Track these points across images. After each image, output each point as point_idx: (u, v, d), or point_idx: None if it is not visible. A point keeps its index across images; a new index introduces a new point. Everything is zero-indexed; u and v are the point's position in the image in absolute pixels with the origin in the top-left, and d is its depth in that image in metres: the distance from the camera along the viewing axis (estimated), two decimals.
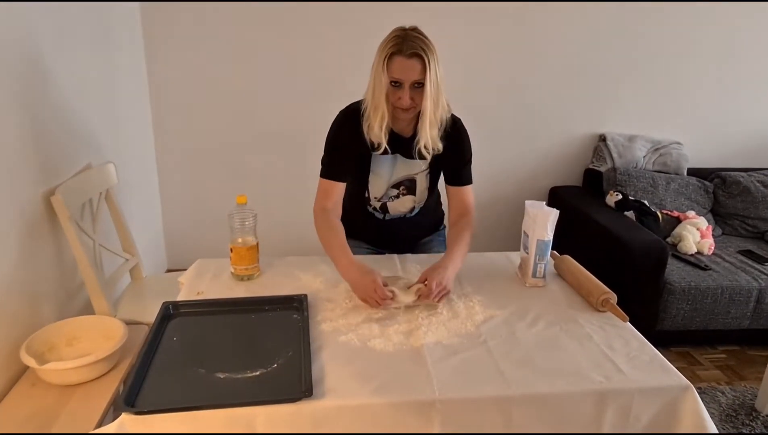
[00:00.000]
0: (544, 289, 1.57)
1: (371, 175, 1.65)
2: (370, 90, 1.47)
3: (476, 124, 2.00)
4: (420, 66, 1.40)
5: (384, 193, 1.69)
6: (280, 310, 1.39)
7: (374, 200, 1.71)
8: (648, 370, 1.20)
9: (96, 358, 1.47)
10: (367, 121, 1.51)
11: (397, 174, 1.65)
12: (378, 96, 1.44)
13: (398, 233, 1.79)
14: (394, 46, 1.40)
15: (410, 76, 1.41)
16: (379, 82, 1.43)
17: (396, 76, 1.41)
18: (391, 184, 1.67)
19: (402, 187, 1.68)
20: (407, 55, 1.39)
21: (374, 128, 1.49)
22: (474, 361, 1.21)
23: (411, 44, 1.39)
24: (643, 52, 3.09)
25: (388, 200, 1.70)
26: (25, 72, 1.69)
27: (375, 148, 1.56)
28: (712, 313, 2.51)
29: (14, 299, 1.60)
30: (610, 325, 1.38)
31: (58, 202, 1.72)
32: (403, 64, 1.40)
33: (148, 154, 2.93)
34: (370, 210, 1.74)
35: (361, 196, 1.70)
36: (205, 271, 1.61)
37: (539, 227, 1.52)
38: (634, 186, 2.99)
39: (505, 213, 3.30)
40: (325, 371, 1.15)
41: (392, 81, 1.42)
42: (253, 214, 1.55)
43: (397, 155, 1.61)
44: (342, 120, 1.59)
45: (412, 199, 1.71)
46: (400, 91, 1.44)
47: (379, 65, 1.42)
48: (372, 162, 1.62)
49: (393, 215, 1.74)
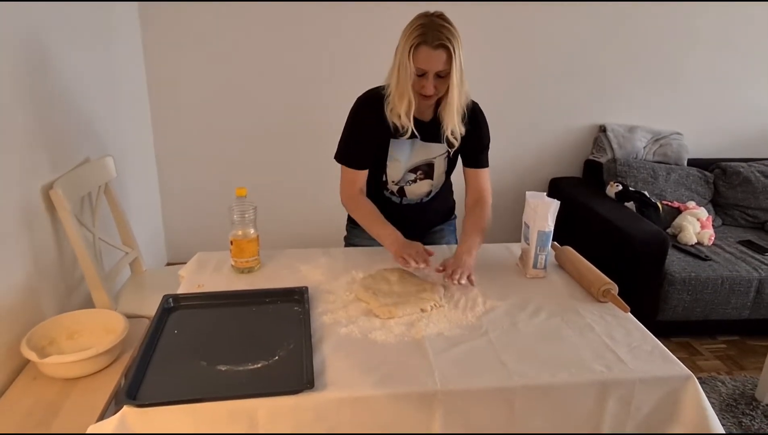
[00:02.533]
0: (545, 280, 1.57)
1: (389, 160, 1.65)
2: (394, 77, 1.47)
3: None
4: (446, 56, 1.40)
5: (402, 178, 1.69)
6: (281, 303, 1.39)
7: (392, 184, 1.71)
8: (649, 360, 1.20)
9: (97, 351, 1.47)
10: (391, 106, 1.51)
11: (415, 158, 1.66)
12: (403, 84, 1.44)
13: (413, 218, 1.79)
14: (420, 36, 1.39)
15: (436, 67, 1.41)
16: (404, 71, 1.43)
17: (422, 66, 1.41)
18: (408, 168, 1.67)
19: (419, 172, 1.69)
20: (433, 46, 1.38)
21: (401, 115, 1.50)
22: (475, 353, 1.20)
23: (437, 34, 1.38)
24: (643, 43, 3.08)
25: (406, 184, 1.71)
26: (23, 66, 1.68)
27: (397, 134, 1.57)
28: (712, 303, 2.51)
29: (14, 293, 1.60)
30: (612, 315, 1.38)
31: (57, 196, 1.72)
32: (429, 55, 1.40)
33: (147, 147, 2.92)
34: (386, 194, 1.75)
35: (379, 180, 1.71)
36: (206, 264, 1.61)
37: (540, 218, 1.52)
38: (635, 177, 2.98)
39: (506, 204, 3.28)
40: (327, 363, 1.15)
41: (417, 71, 1.42)
42: (253, 207, 1.54)
43: (416, 139, 1.61)
44: (363, 105, 1.61)
45: (429, 184, 1.72)
46: (424, 80, 1.44)
47: (404, 54, 1.41)
48: (390, 147, 1.63)
49: (410, 199, 1.75)
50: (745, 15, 3.07)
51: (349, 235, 1.89)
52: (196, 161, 3.04)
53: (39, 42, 1.77)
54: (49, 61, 1.83)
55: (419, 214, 1.80)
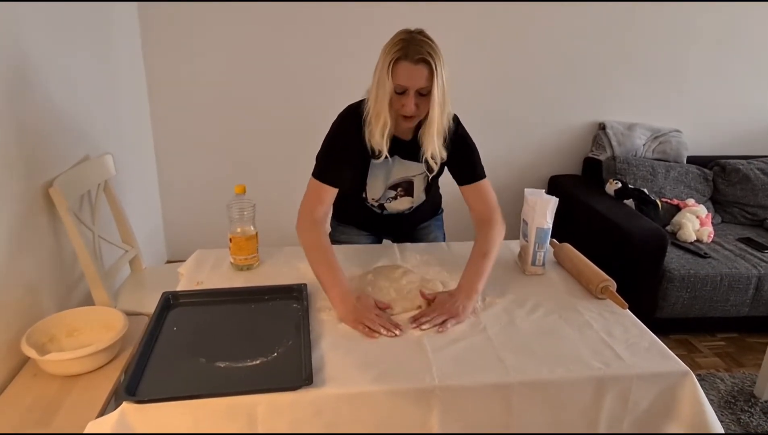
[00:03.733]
0: (544, 277, 1.57)
1: (369, 179, 1.60)
2: (372, 95, 1.38)
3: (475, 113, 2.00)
4: (427, 72, 1.32)
5: (381, 195, 1.65)
6: (280, 300, 1.39)
7: (372, 201, 1.68)
8: (647, 357, 1.20)
9: (96, 348, 1.48)
10: (369, 127, 1.43)
11: (395, 176, 1.60)
12: (381, 102, 1.36)
13: (396, 224, 1.78)
14: (400, 51, 1.31)
15: (416, 83, 1.33)
16: (382, 88, 1.34)
17: (401, 82, 1.33)
18: (388, 186, 1.63)
19: (399, 189, 1.64)
20: (414, 61, 1.31)
21: (375, 136, 1.42)
22: (474, 349, 1.21)
23: (417, 49, 1.31)
24: (642, 40, 3.08)
25: (386, 201, 1.67)
26: (22, 64, 1.68)
27: (375, 155, 1.50)
28: (711, 300, 2.52)
29: (14, 291, 1.61)
30: (610, 312, 1.38)
31: (56, 194, 1.72)
32: (409, 70, 1.32)
33: (146, 145, 2.92)
34: (367, 205, 1.71)
35: (358, 196, 1.67)
36: (205, 262, 1.61)
37: (538, 215, 1.52)
38: (634, 174, 2.98)
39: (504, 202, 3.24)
40: (325, 360, 1.16)
41: (397, 87, 1.35)
42: (252, 204, 1.54)
43: (395, 157, 1.54)
44: (343, 122, 1.52)
45: (409, 201, 1.68)
46: (404, 98, 1.36)
47: (383, 70, 1.33)
48: (370, 167, 1.56)
49: (390, 212, 1.72)
50: (744, 12, 3.07)
51: (333, 232, 1.84)
52: (196, 159, 3.04)
53: (38, 39, 1.77)
54: (49, 59, 1.83)
55: (402, 221, 1.76)
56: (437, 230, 1.87)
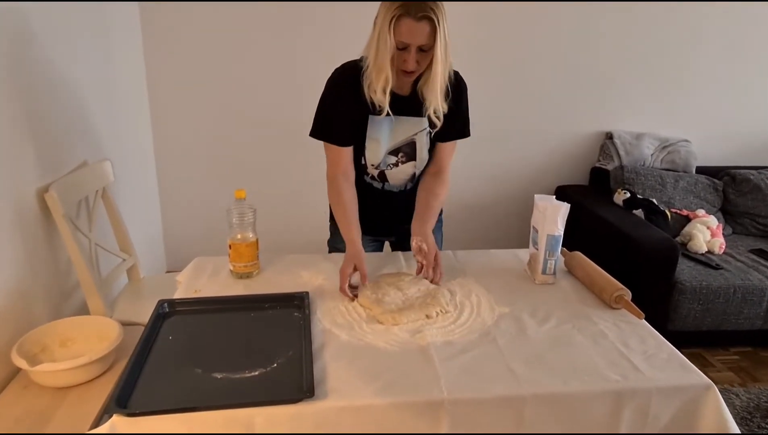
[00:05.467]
0: (555, 286, 1.52)
1: (368, 140, 1.54)
2: (372, 50, 1.36)
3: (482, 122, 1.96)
4: (429, 28, 1.30)
5: (381, 160, 1.58)
6: (281, 309, 1.34)
7: (371, 168, 1.60)
8: (666, 369, 1.15)
9: (90, 359, 1.42)
10: (368, 82, 1.41)
11: (396, 137, 1.55)
12: (382, 58, 1.34)
13: (396, 205, 1.68)
14: (402, 7, 1.28)
15: (419, 40, 1.31)
16: (383, 44, 1.32)
17: (404, 39, 1.31)
18: (389, 149, 1.57)
19: (401, 154, 1.58)
20: (417, 18, 1.28)
21: (377, 92, 1.40)
22: (483, 360, 1.15)
23: (420, 5, 1.28)
24: (649, 50, 3.04)
25: (387, 168, 1.60)
26: (21, 66, 1.65)
27: (375, 111, 1.47)
28: (724, 313, 2.45)
29: (6, 298, 1.55)
30: (625, 322, 1.32)
31: (51, 199, 1.68)
32: (411, 27, 1.29)
33: (146, 151, 2.88)
34: (367, 180, 1.64)
35: (357, 163, 1.59)
36: (203, 269, 1.56)
37: (549, 222, 1.47)
38: (642, 184, 2.93)
39: (511, 212, 3.24)
40: (327, 371, 1.10)
41: (398, 44, 1.32)
42: (252, 209, 1.50)
43: (395, 116, 1.51)
44: (339, 79, 1.50)
45: (412, 165, 1.61)
46: (405, 54, 1.34)
47: (384, 26, 1.30)
48: (369, 125, 1.51)
49: (392, 186, 1.65)
50: (752, 21, 3.04)
51: (332, 240, 1.79)
52: (197, 166, 3.01)
53: (36, 43, 1.74)
54: (47, 62, 1.80)
55: (403, 202, 1.67)
56: (437, 232, 1.80)
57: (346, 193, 1.54)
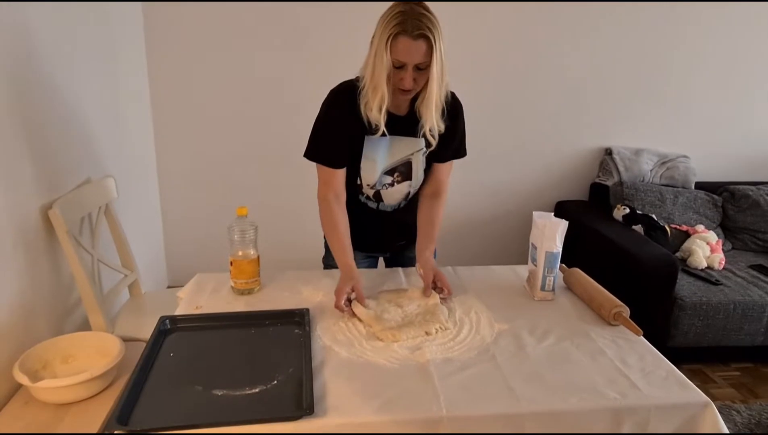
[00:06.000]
0: (554, 302, 1.52)
1: (363, 161, 1.53)
2: (369, 69, 1.36)
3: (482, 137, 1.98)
4: (426, 47, 1.30)
5: (377, 181, 1.57)
6: (281, 325, 1.35)
7: (367, 188, 1.59)
8: (665, 386, 1.15)
9: (91, 375, 1.43)
10: (365, 100, 1.41)
11: (392, 157, 1.54)
12: (378, 76, 1.34)
13: (392, 225, 1.69)
14: (399, 25, 1.28)
15: (415, 59, 1.31)
16: (380, 62, 1.32)
17: (401, 58, 1.31)
18: (384, 169, 1.56)
19: (397, 174, 1.57)
20: (413, 37, 1.28)
21: (373, 109, 1.40)
22: (482, 377, 1.16)
23: (417, 23, 1.28)
24: (648, 66, 3.07)
25: (382, 188, 1.59)
26: (25, 83, 1.67)
27: (371, 131, 1.47)
28: (724, 329, 2.45)
29: (9, 315, 1.56)
30: (623, 339, 1.33)
31: (55, 216, 1.69)
32: (408, 45, 1.29)
33: (149, 168, 2.90)
34: (362, 199, 1.63)
35: (353, 183, 1.59)
36: (205, 286, 1.57)
37: (548, 239, 1.48)
38: (642, 200, 2.94)
39: (511, 228, 3.25)
40: (327, 388, 1.11)
41: (395, 62, 1.32)
42: (254, 226, 1.51)
43: (392, 136, 1.50)
44: (335, 100, 1.50)
45: (408, 185, 1.60)
46: (402, 72, 1.34)
47: (381, 44, 1.31)
48: (365, 145, 1.51)
49: (387, 205, 1.64)
50: (751, 37, 3.07)
51: (327, 257, 1.77)
52: (200, 183, 3.03)
53: (40, 58, 1.76)
54: (51, 79, 1.83)
55: (398, 220, 1.68)
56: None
57: (339, 217, 1.54)
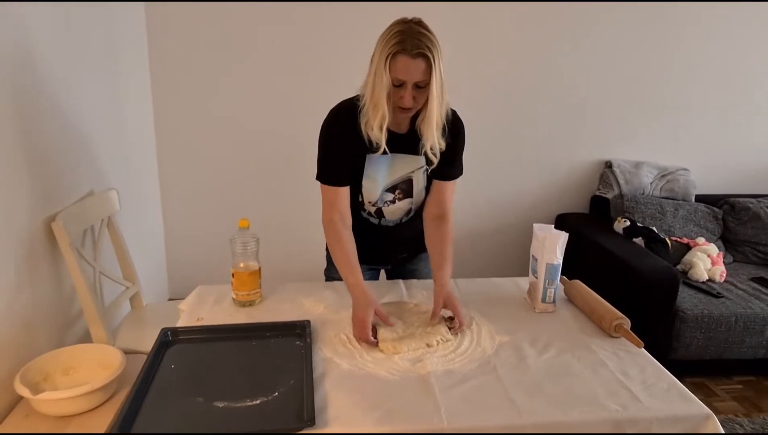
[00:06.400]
0: (555, 314, 1.52)
1: (365, 179, 1.54)
2: (369, 87, 1.37)
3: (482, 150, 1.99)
4: (425, 65, 1.31)
5: (379, 198, 1.58)
6: (282, 337, 1.35)
7: (368, 205, 1.60)
8: (666, 398, 1.15)
9: (92, 387, 1.42)
10: (365, 119, 1.42)
11: (393, 175, 1.55)
12: (378, 95, 1.35)
13: (394, 239, 1.70)
14: (398, 44, 1.29)
15: (415, 77, 1.32)
16: (380, 81, 1.33)
17: (400, 76, 1.32)
18: (386, 187, 1.57)
19: (398, 191, 1.58)
20: (412, 55, 1.29)
21: (374, 128, 1.40)
22: (483, 389, 1.16)
23: (416, 42, 1.29)
24: (648, 79, 3.10)
25: (384, 205, 1.60)
26: (29, 96, 1.68)
27: (372, 149, 1.47)
28: (726, 341, 2.44)
29: (10, 327, 1.57)
30: (624, 351, 1.33)
31: (58, 229, 1.70)
32: (407, 64, 1.30)
33: (151, 180, 2.92)
34: (364, 215, 1.64)
35: (354, 200, 1.59)
36: (206, 297, 1.57)
37: (548, 251, 1.48)
38: (642, 212, 2.95)
39: (512, 240, 3.26)
40: (328, 400, 1.11)
41: (395, 81, 1.33)
42: (256, 238, 1.52)
43: (392, 154, 1.51)
44: (335, 119, 1.51)
45: (408, 202, 1.61)
46: (401, 91, 1.35)
47: (380, 63, 1.32)
48: (366, 163, 1.52)
49: (388, 220, 1.66)
50: (750, 50, 3.10)
51: (329, 269, 1.78)
52: (202, 196, 3.04)
53: (44, 71, 1.78)
54: (55, 92, 1.84)
55: (400, 236, 1.69)
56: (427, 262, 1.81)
57: (347, 240, 1.51)
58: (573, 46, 3.00)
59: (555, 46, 2.99)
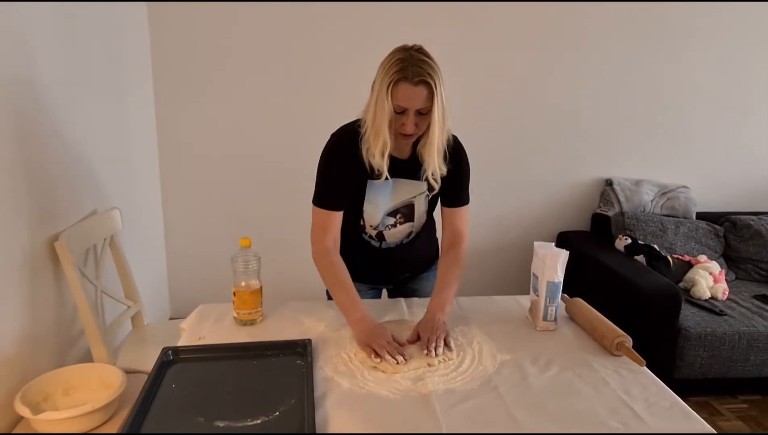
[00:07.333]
0: (556, 332, 1.52)
1: (366, 204, 1.55)
2: (370, 114, 1.38)
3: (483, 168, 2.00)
4: (426, 92, 1.32)
5: (380, 222, 1.59)
6: (283, 356, 1.35)
7: (370, 229, 1.61)
8: (668, 417, 1.14)
9: (92, 407, 1.42)
10: (367, 146, 1.42)
11: (395, 200, 1.55)
12: (380, 122, 1.36)
13: (394, 261, 1.71)
14: (400, 72, 1.31)
15: (416, 104, 1.33)
16: (381, 109, 1.34)
17: (402, 103, 1.33)
18: (387, 211, 1.57)
19: (399, 215, 1.59)
20: (414, 83, 1.30)
21: (375, 155, 1.41)
22: (485, 408, 1.15)
23: (417, 70, 1.30)
24: (647, 97, 3.12)
25: (385, 229, 1.61)
26: (33, 116, 1.71)
27: (374, 175, 1.49)
28: (730, 360, 2.43)
29: (12, 346, 1.57)
30: (626, 369, 1.32)
31: (61, 247, 1.71)
32: (409, 91, 1.32)
33: (154, 200, 2.94)
34: (365, 238, 1.64)
35: (356, 224, 1.60)
36: (207, 316, 1.57)
37: (549, 269, 1.48)
38: (643, 230, 2.95)
39: (514, 258, 3.26)
40: (329, 418, 1.10)
41: (396, 108, 1.35)
42: (257, 257, 1.52)
43: (394, 179, 1.51)
44: (336, 144, 1.51)
45: (410, 226, 1.62)
46: (403, 118, 1.36)
47: (382, 91, 1.33)
48: (367, 189, 1.53)
49: (389, 243, 1.65)
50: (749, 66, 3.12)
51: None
52: (204, 216, 3.05)
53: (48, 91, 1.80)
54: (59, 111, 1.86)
55: (401, 257, 1.69)
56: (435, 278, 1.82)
57: (340, 268, 1.51)
58: (573, 66, 3.04)
59: (555, 67, 3.03)
